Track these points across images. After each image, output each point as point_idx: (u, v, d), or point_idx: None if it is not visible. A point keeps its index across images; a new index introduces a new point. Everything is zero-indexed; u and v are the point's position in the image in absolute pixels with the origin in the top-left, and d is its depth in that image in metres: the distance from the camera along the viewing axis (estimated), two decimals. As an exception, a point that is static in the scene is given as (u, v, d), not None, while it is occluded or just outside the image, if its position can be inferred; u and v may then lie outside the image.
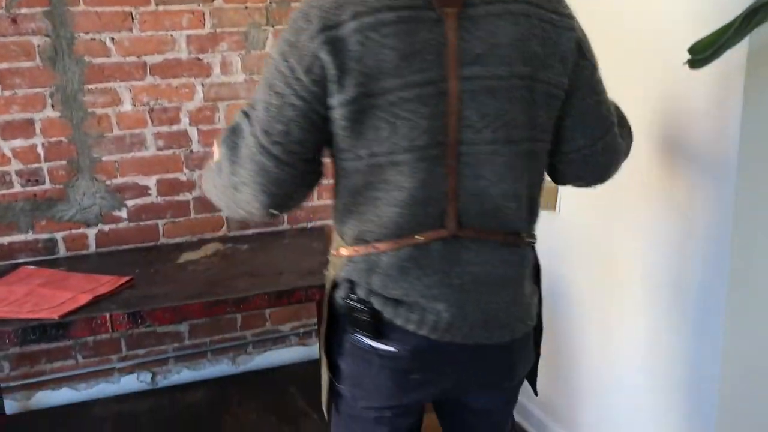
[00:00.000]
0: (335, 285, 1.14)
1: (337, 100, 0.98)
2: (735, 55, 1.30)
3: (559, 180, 1.23)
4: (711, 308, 1.51)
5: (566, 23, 1.04)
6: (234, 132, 1.07)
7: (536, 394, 1.32)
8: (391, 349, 1.10)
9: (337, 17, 0.96)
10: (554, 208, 2.09)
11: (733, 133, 1.39)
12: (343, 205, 1.10)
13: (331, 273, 1.16)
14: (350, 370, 1.16)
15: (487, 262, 1.08)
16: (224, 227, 2.55)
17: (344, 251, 1.11)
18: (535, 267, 1.20)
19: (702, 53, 1.10)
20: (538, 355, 1.28)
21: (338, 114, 0.99)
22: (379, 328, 1.09)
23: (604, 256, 1.89)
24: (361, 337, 1.12)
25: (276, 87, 1.00)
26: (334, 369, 1.18)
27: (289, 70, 0.98)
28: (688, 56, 1.13)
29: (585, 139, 1.13)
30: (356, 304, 1.09)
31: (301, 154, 1.02)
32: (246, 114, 1.05)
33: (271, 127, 1.00)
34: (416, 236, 1.05)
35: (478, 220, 1.06)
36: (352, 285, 1.11)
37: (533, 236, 1.15)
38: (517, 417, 2.40)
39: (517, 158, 1.03)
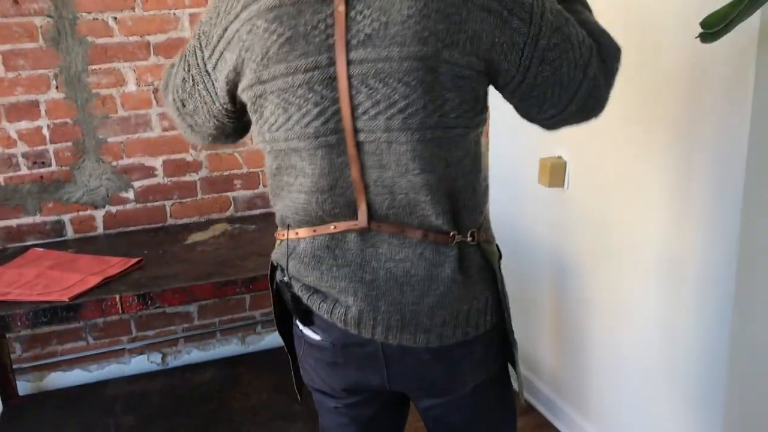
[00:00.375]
0: (273, 267, 1.17)
1: (239, 88, 1.03)
2: (746, 31, 1.29)
3: (551, 130, 1.13)
4: (720, 287, 1.51)
5: (481, 1, 0.92)
6: (169, 74, 1.17)
7: (522, 401, 1.24)
8: (316, 337, 1.11)
9: (235, 10, 0.98)
10: (562, 184, 2.08)
11: (744, 115, 1.38)
12: (269, 187, 1.12)
13: (272, 255, 1.17)
14: (298, 353, 1.20)
15: (406, 260, 1.02)
16: (231, 208, 2.55)
17: (276, 234, 1.14)
18: (486, 269, 1.08)
19: (713, 27, 1.08)
20: (508, 363, 1.18)
21: (244, 98, 1.04)
22: (301, 312, 1.10)
23: (612, 233, 1.89)
24: (296, 322, 1.15)
25: (191, 68, 1.08)
26: (291, 352, 1.23)
27: (202, 61, 1.06)
28: (699, 30, 1.10)
29: (553, 108, 1.03)
30: (282, 288, 1.12)
31: (209, 130, 1.15)
32: (180, 60, 1.13)
33: (186, 101, 1.12)
34: (331, 225, 1.03)
35: (393, 213, 1.01)
36: (278, 268, 1.13)
37: (475, 235, 1.05)
38: (525, 394, 2.42)
39: (424, 147, 0.95)
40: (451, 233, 1.02)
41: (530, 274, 2.33)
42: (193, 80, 1.08)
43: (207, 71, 1.05)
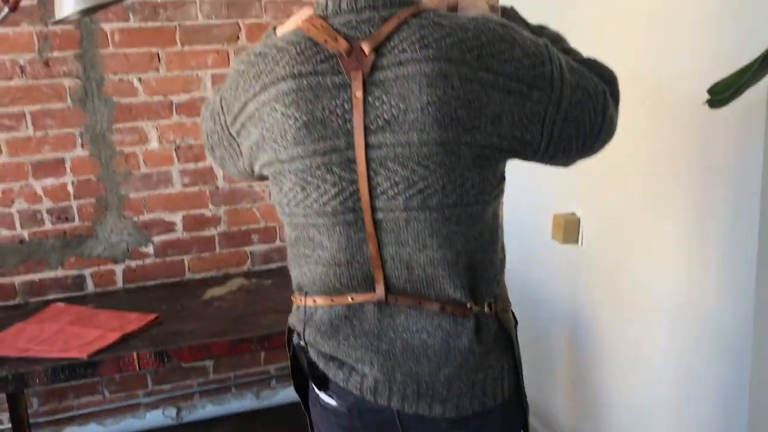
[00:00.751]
0: (290, 331, 1.17)
1: (259, 162, 1.04)
2: (755, 92, 1.31)
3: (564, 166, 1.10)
4: (739, 337, 1.49)
5: (501, 83, 0.92)
6: (205, 111, 1.16)
7: None
8: (332, 402, 1.11)
9: (254, 89, 0.99)
10: (576, 241, 2.07)
11: (756, 169, 1.39)
12: (288, 253, 1.12)
13: (289, 318, 1.18)
14: (313, 415, 1.19)
15: (422, 331, 1.02)
16: (248, 262, 2.58)
17: (293, 299, 1.14)
18: (503, 338, 1.08)
19: (721, 94, 1.10)
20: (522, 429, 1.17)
21: (263, 171, 1.06)
22: (318, 378, 1.10)
23: (628, 288, 1.87)
24: (312, 385, 1.14)
25: (217, 123, 1.09)
26: (308, 410, 1.21)
27: (225, 123, 1.07)
28: (707, 96, 1.13)
29: (579, 153, 1.04)
30: (299, 352, 1.12)
31: (242, 172, 1.14)
32: (213, 101, 1.13)
33: (215, 147, 1.13)
34: (348, 296, 1.04)
35: (410, 286, 1.01)
36: (294, 332, 1.13)
37: (493, 305, 1.05)
38: (544, 453, 2.36)
39: (442, 225, 0.97)
40: (469, 305, 1.02)
41: (545, 330, 2.31)
42: (218, 135, 1.10)
43: (231, 134, 1.07)
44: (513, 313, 1.13)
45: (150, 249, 2.46)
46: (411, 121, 0.92)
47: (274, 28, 1.11)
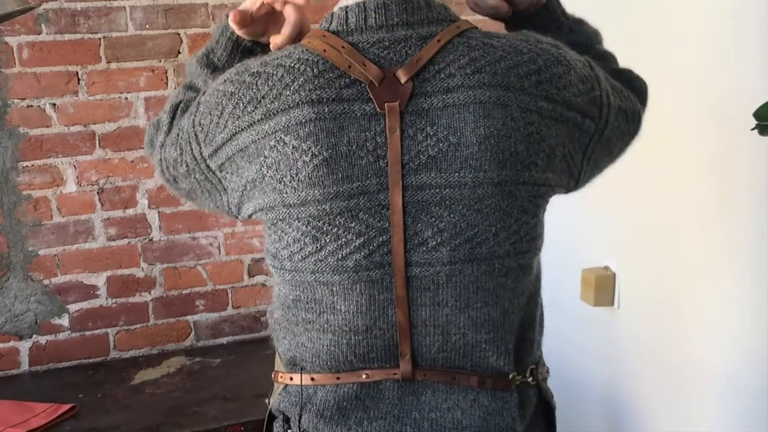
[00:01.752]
0: (271, 417, 1.15)
1: (253, 204, 1.03)
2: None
3: None
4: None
5: (559, 113, 0.99)
6: (155, 135, 1.15)
7: None
8: None
9: (250, 116, 0.99)
10: (611, 302, 2.08)
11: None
12: (276, 319, 1.13)
13: (270, 401, 1.16)
14: None
15: (456, 408, 1.03)
16: (191, 336, 2.51)
17: (281, 376, 1.12)
18: (541, 412, 1.13)
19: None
20: None
21: (258, 216, 1.04)
22: None
23: (676, 361, 1.86)
24: None
25: (185, 155, 1.08)
26: None
27: (200, 156, 1.05)
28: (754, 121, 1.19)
29: (600, 173, 1.15)
30: None
31: (211, 206, 1.14)
32: (170, 119, 1.12)
33: (179, 180, 1.12)
34: (362, 373, 1.04)
35: (444, 357, 1.02)
36: (284, 420, 1.11)
37: (534, 372, 1.09)
38: None
39: (489, 278, 1.00)
40: (511, 375, 1.04)
41: (578, 411, 2.30)
42: (187, 166, 1.09)
43: (209, 167, 1.06)
44: (551, 395, 1.16)
45: (65, 321, 2.39)
46: (464, 157, 0.95)
47: (227, 17, 1.09)
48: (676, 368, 1.87)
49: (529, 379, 1.08)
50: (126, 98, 2.38)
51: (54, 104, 2.32)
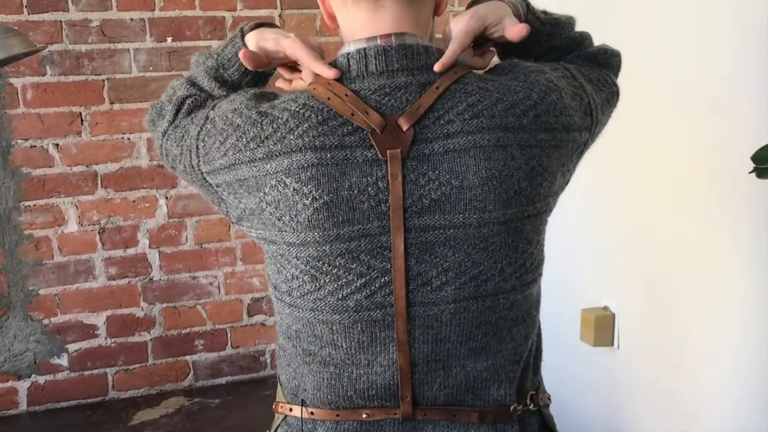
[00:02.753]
0: None
1: (254, 232, 1.03)
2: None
3: None
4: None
5: (559, 140, 1.01)
6: (158, 118, 1.13)
7: None
8: None
9: (252, 153, 0.99)
10: (611, 343, 2.05)
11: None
12: (280, 346, 1.10)
13: None
14: None
15: None
16: (190, 375, 2.49)
17: (281, 407, 1.10)
18: None
19: (766, 162, 1.17)
20: None
21: (258, 242, 1.04)
22: None
23: (679, 403, 1.83)
24: None
25: (183, 152, 1.07)
26: None
27: (198, 168, 1.05)
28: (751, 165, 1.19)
29: None
30: None
31: None
32: (175, 113, 1.11)
33: (177, 168, 1.10)
34: (362, 412, 1.02)
35: (445, 394, 1.02)
36: None
37: (535, 398, 1.09)
38: None
39: (492, 313, 1.00)
40: (512, 406, 1.04)
41: None
42: (185, 168, 1.08)
43: (207, 181, 1.05)
44: (554, 422, 1.15)
45: (64, 360, 2.38)
46: (468, 199, 0.96)
47: (242, 30, 1.08)
48: (676, 407, 1.84)
49: (530, 406, 1.07)
50: (129, 138, 2.39)
51: (57, 144, 2.33)
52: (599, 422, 2.16)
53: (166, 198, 2.43)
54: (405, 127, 0.96)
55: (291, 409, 1.08)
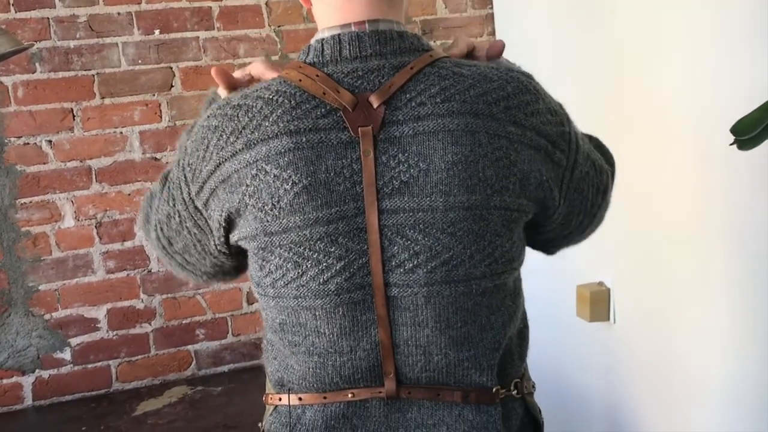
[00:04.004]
0: None
1: (237, 236, 1.04)
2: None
3: (550, 254, 1.23)
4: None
5: (528, 138, 1.00)
6: (149, 205, 1.16)
7: None
8: None
9: (233, 147, 1.00)
10: (607, 317, 2.05)
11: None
12: (266, 341, 1.12)
13: (262, 424, 1.15)
14: None
15: (441, 424, 1.04)
16: (192, 365, 2.50)
17: (270, 398, 1.12)
18: (530, 425, 1.13)
19: (746, 133, 1.16)
20: None
21: (242, 245, 1.06)
22: None
23: (676, 375, 1.84)
24: None
25: (177, 203, 1.09)
26: None
27: (189, 197, 1.07)
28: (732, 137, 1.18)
29: (572, 231, 1.14)
30: None
31: (204, 268, 1.15)
32: (162, 188, 1.13)
33: (173, 239, 1.12)
34: (348, 392, 1.04)
35: (427, 376, 1.03)
36: None
37: (519, 386, 1.10)
38: None
39: (467, 299, 1.01)
40: (495, 389, 1.05)
41: (576, 428, 2.26)
42: (179, 216, 1.10)
43: (197, 207, 1.07)
44: (539, 410, 1.15)
45: (67, 354, 2.39)
46: (434, 182, 0.97)
47: (214, 93, 1.15)
48: (673, 381, 1.84)
49: (514, 392, 1.08)
50: (121, 132, 2.39)
51: (50, 141, 2.32)
52: (598, 397, 2.17)
53: (161, 190, 2.43)
54: (376, 105, 0.97)
55: (280, 399, 1.10)
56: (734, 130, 1.16)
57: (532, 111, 1.01)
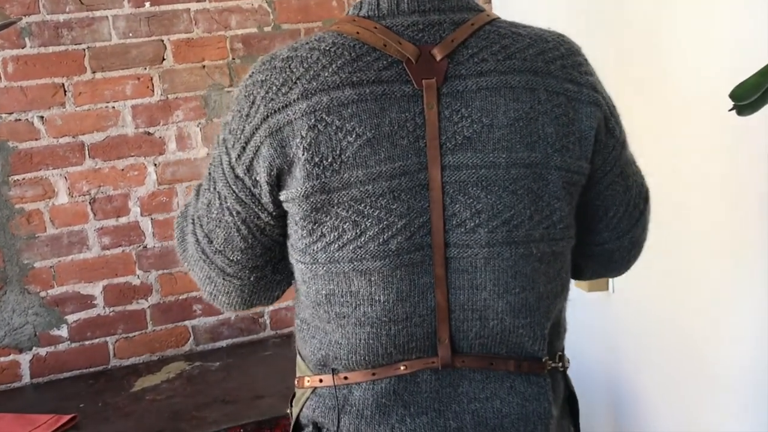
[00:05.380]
0: (298, 427, 1.10)
1: (285, 196, 1.00)
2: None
3: (575, 275, 1.20)
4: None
5: (586, 95, 1.03)
6: (185, 217, 1.14)
7: None
8: None
9: (285, 97, 0.97)
10: (606, 287, 2.06)
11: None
12: (302, 320, 1.10)
13: (294, 410, 1.12)
14: None
15: (494, 397, 1.03)
16: (190, 340, 2.49)
17: (307, 381, 1.09)
18: (568, 399, 1.14)
19: (744, 98, 1.14)
20: None
21: (290, 210, 1.01)
22: None
23: (679, 346, 1.84)
24: None
25: (217, 182, 1.05)
26: None
27: (229, 166, 1.03)
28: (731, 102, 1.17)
29: (609, 231, 1.14)
30: None
31: (249, 263, 1.09)
32: (197, 195, 1.11)
33: (213, 232, 1.07)
34: (399, 365, 1.01)
35: (480, 343, 1.02)
36: (315, 428, 1.07)
37: (562, 359, 1.11)
38: None
39: (526, 263, 1.00)
40: (544, 359, 1.06)
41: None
42: (219, 198, 1.05)
43: (237, 176, 1.03)
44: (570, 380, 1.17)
45: (63, 332, 2.38)
46: (497, 138, 0.97)
47: None
48: (672, 350, 1.85)
49: (559, 365, 1.09)
50: (113, 107, 2.36)
51: (42, 117, 2.30)
52: (599, 367, 2.19)
53: (155, 165, 2.41)
54: (439, 57, 0.97)
55: (321, 380, 1.06)
56: (733, 95, 1.14)
57: (586, 71, 1.04)
